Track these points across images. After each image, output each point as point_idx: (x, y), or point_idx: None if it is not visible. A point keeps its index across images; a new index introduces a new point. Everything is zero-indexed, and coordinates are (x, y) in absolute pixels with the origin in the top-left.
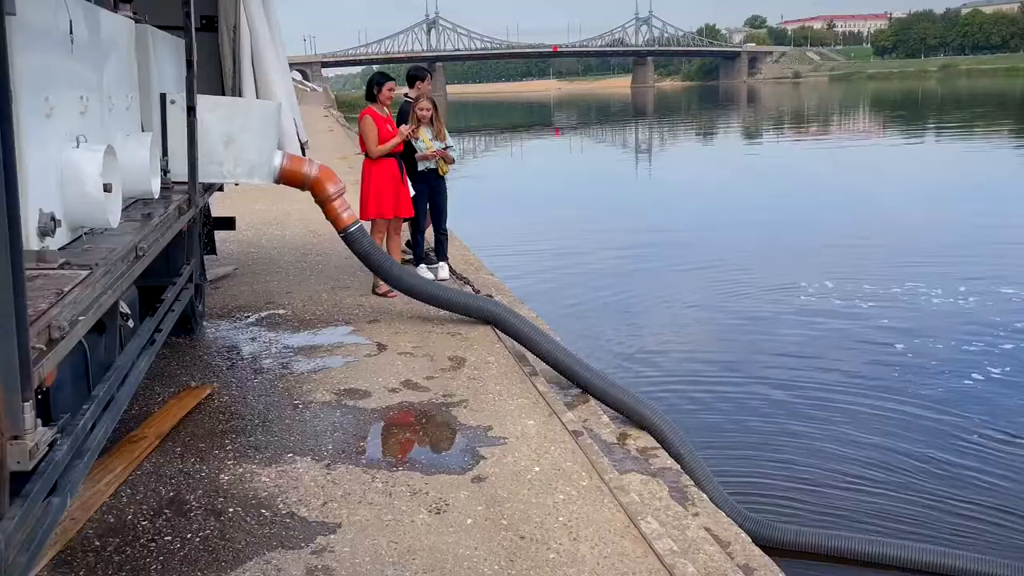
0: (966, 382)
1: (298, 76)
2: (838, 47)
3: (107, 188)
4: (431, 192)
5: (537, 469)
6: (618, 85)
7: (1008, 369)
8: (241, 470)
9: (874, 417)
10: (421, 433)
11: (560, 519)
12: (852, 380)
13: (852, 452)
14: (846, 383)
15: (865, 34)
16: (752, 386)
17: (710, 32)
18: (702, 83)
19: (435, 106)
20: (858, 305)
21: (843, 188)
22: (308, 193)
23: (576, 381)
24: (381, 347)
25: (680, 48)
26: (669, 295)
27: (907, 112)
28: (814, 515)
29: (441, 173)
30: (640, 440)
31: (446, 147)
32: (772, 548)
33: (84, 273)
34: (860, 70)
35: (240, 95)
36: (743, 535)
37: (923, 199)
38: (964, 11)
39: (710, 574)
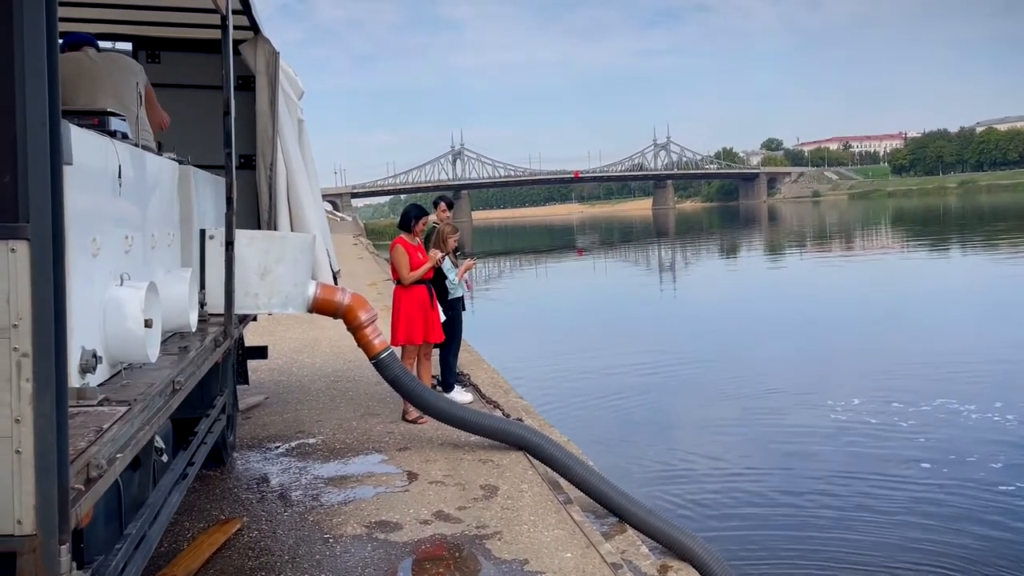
0: (1011, 508)
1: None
2: (855, 167)
3: (148, 324)
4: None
5: None
6: (639, 208)
7: None
8: None
9: (916, 539)
10: (454, 568)
11: None
12: (890, 502)
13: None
14: (885, 505)
15: (881, 154)
16: (791, 508)
17: (727, 155)
18: (722, 203)
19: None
20: (894, 422)
21: (875, 305)
22: (338, 320)
23: (613, 509)
24: (412, 476)
25: (699, 171)
26: (699, 416)
27: (935, 227)
28: None
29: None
30: (682, 572)
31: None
32: None
33: (123, 409)
34: (879, 188)
35: (276, 228)
36: None
37: (960, 315)
38: (979, 129)
39: None
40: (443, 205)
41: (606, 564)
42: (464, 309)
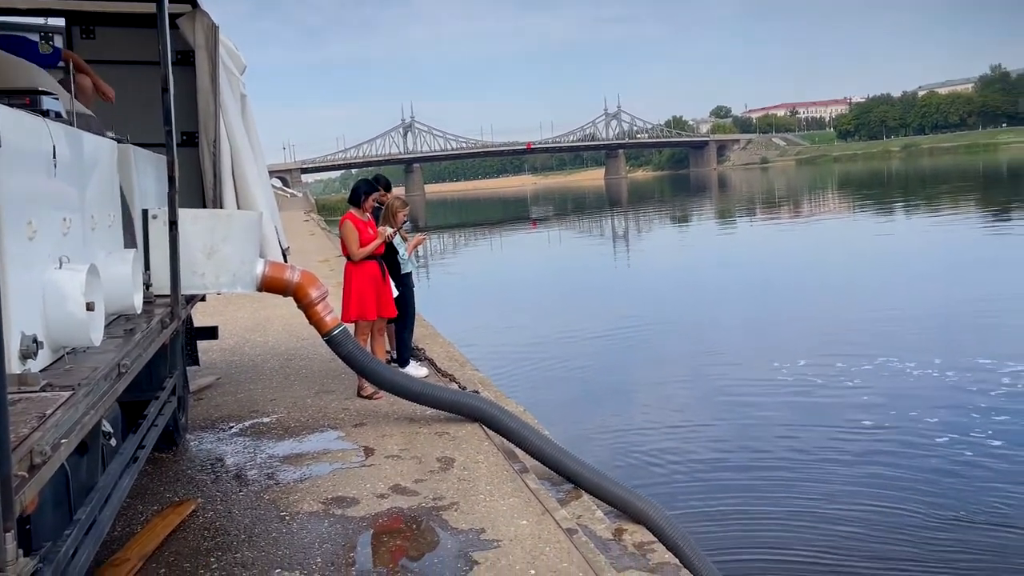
0: (950, 453)
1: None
2: (802, 133)
3: (90, 307)
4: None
5: (533, 572)
6: (592, 178)
7: (995, 442)
8: None
9: (864, 491)
10: (412, 540)
11: None
12: (838, 456)
13: (843, 526)
14: (833, 459)
15: (827, 119)
16: (741, 467)
17: (677, 124)
18: (673, 172)
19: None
20: (839, 382)
21: (821, 267)
22: (289, 298)
23: (568, 476)
24: (368, 451)
25: (650, 140)
26: (652, 381)
27: (878, 190)
28: None
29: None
30: (636, 534)
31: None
32: None
33: (67, 394)
34: (825, 153)
35: (221, 206)
36: None
37: (902, 275)
38: (920, 93)
39: None
40: (381, 189)
41: (561, 530)
42: (413, 285)
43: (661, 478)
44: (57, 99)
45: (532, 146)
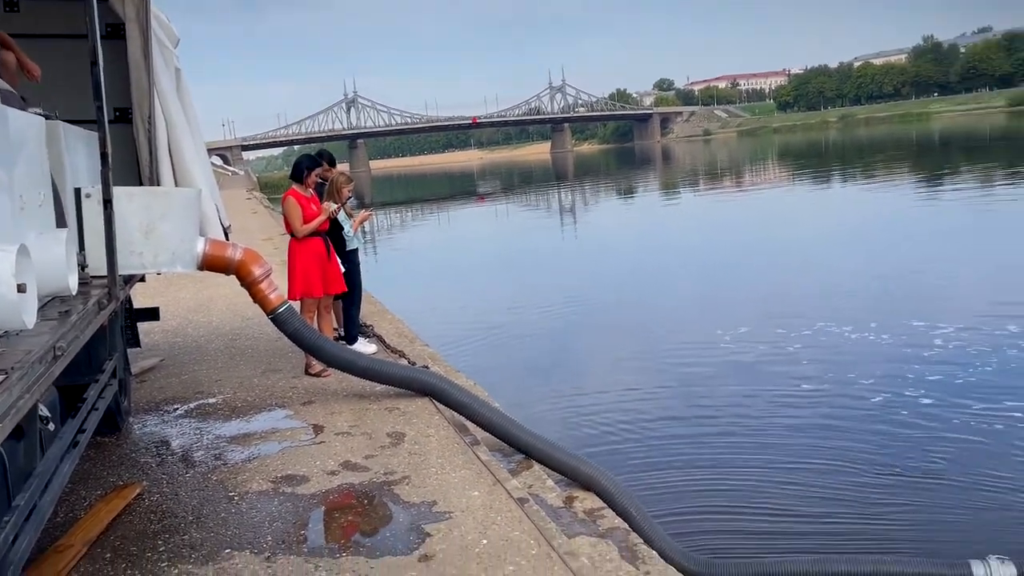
0: (886, 413)
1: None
2: (743, 104)
3: (21, 289)
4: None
5: (485, 542)
6: (538, 152)
7: (927, 400)
8: (176, 572)
9: (805, 451)
10: (364, 515)
11: None
12: (780, 419)
13: (786, 484)
14: (775, 422)
15: (767, 91)
16: (686, 432)
17: (621, 97)
18: (618, 145)
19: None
20: (781, 347)
21: (762, 237)
22: (232, 277)
23: (518, 447)
24: (318, 429)
25: (595, 113)
26: (600, 351)
27: (816, 161)
28: (756, 545)
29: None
30: (587, 501)
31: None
32: None
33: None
34: (765, 124)
35: (158, 183)
36: None
37: (839, 243)
38: (856, 64)
39: None
40: (325, 164)
41: (512, 499)
42: (359, 262)
43: (611, 445)
44: None
45: (478, 120)
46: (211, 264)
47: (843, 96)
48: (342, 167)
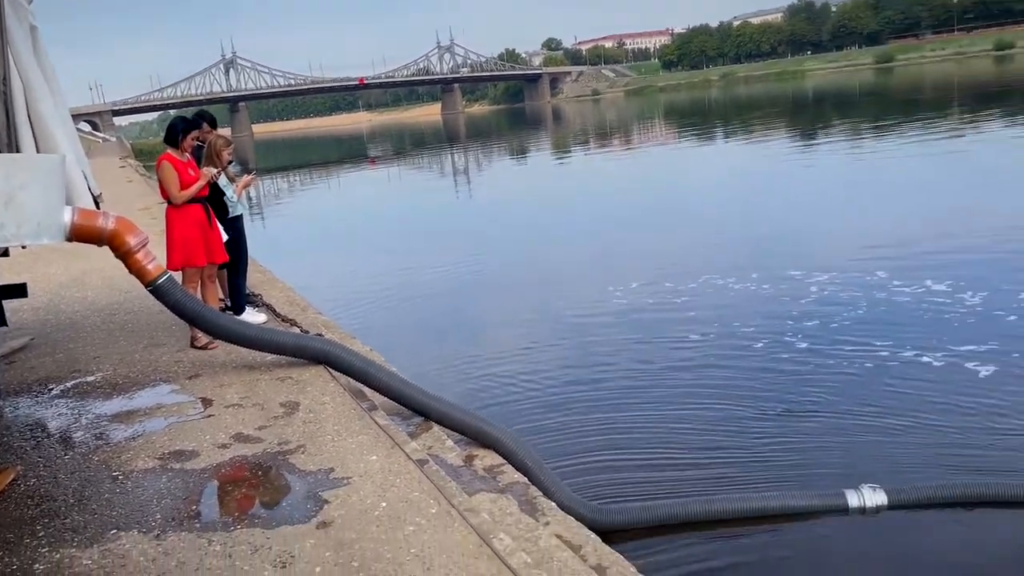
0: (767, 356)
1: (87, 127)
2: (629, 63)
3: None
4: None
5: (384, 504)
6: (429, 113)
7: (802, 344)
8: (58, 556)
9: (694, 396)
10: (258, 486)
11: (412, 551)
12: (671, 367)
13: (678, 425)
14: (666, 371)
15: (652, 50)
16: (582, 383)
17: (511, 57)
18: (509, 106)
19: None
20: (668, 300)
21: (650, 195)
22: (105, 248)
23: (416, 409)
24: (206, 402)
25: (485, 74)
26: (495, 310)
27: (699, 119)
28: (651, 487)
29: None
30: (487, 459)
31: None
32: (623, 530)
33: None
34: (651, 83)
35: (18, 151)
36: (593, 537)
37: (723, 199)
38: (735, 23)
39: None
40: (205, 126)
41: (412, 461)
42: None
43: (509, 401)
44: None
45: (365, 81)
46: (81, 234)
47: (724, 55)
48: (223, 131)
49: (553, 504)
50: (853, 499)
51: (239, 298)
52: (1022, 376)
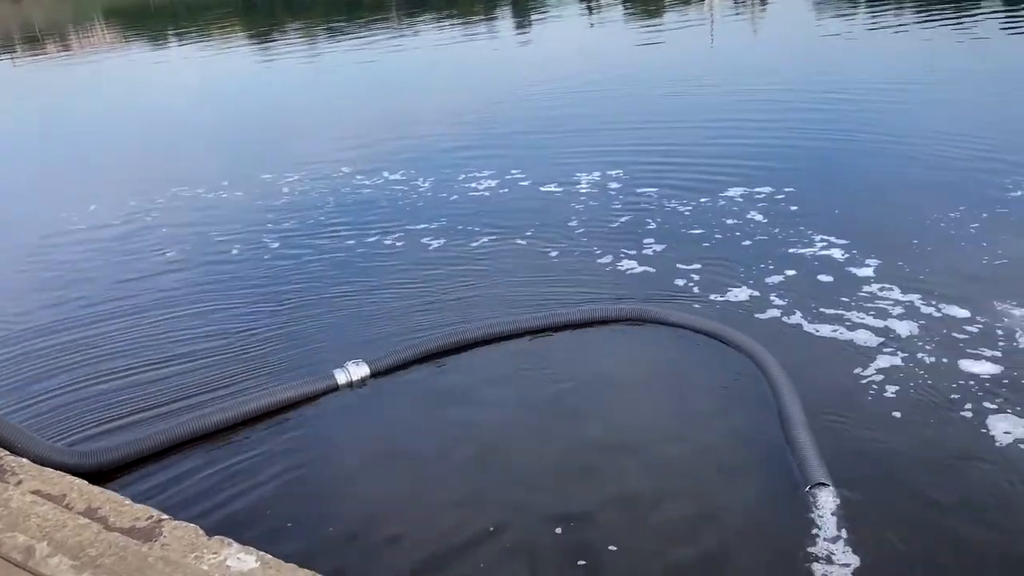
0: (251, 260)
1: None
2: None
3: None
4: None
5: None
6: None
7: (275, 244)
8: None
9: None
10: None
11: None
12: (154, 291)
13: (166, 349)
14: (150, 295)
15: None
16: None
17: None
18: None
19: None
20: (138, 219)
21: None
22: None
23: None
24: None
25: None
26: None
27: (149, 21)
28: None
29: None
30: None
31: None
32: (117, 467)
33: None
34: None
35: None
36: (79, 482)
37: (187, 106)
38: None
39: (48, 533)
40: None
41: None
42: None
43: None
44: None
45: None
46: None
47: None
48: None
49: (24, 460)
50: (341, 376)
51: None
52: (460, 244)
